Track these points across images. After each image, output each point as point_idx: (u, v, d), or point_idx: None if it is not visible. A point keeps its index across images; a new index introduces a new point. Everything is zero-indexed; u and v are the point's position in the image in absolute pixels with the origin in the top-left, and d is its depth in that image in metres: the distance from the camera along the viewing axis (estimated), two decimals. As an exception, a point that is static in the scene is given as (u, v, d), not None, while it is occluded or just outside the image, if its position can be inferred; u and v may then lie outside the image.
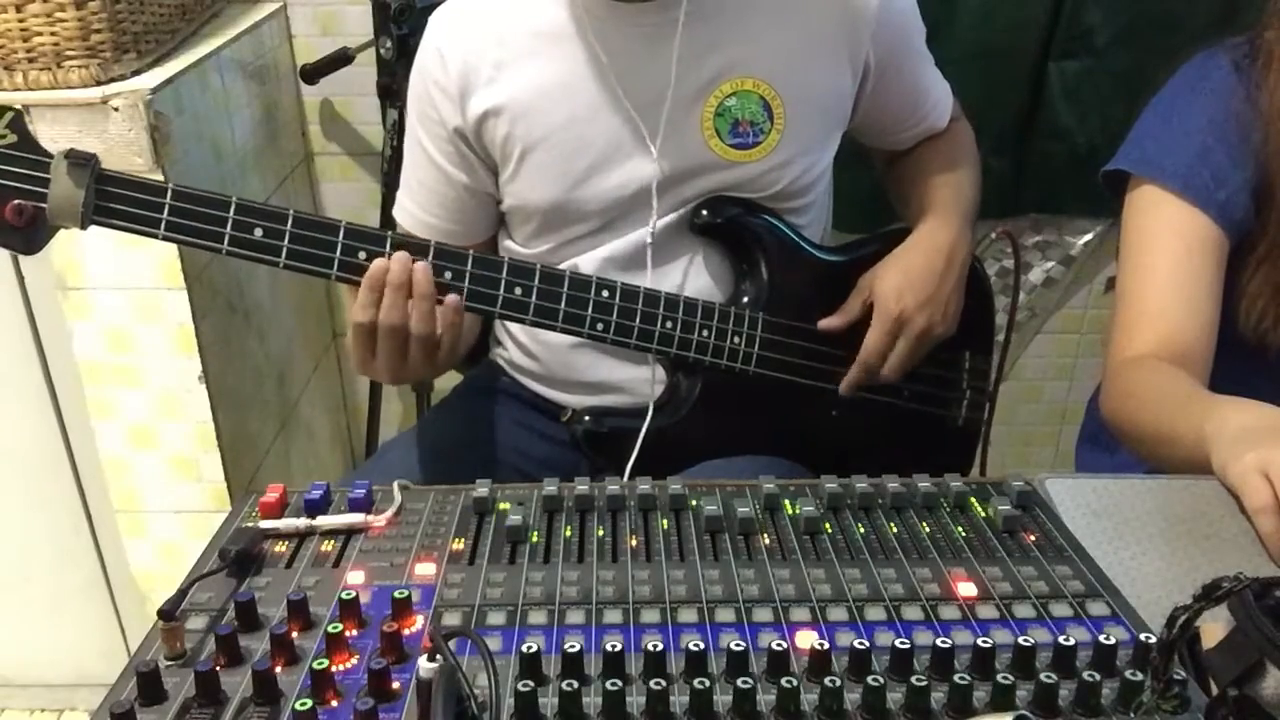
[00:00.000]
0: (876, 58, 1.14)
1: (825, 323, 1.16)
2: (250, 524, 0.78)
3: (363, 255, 0.99)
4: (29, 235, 0.95)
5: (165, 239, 0.97)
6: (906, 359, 1.16)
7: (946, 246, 1.17)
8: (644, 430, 1.12)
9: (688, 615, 0.68)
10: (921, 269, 1.15)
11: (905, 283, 1.14)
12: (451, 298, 1.00)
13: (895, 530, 0.78)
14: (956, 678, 0.60)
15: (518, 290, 1.04)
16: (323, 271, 0.99)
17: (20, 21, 1.26)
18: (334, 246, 0.99)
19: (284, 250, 0.98)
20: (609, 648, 0.61)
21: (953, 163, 1.25)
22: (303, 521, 0.78)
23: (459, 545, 0.77)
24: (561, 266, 1.14)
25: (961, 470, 1.31)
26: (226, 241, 0.97)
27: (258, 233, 0.98)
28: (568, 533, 0.78)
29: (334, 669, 0.62)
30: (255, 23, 1.66)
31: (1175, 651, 0.60)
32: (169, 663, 0.64)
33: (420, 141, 1.16)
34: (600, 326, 1.07)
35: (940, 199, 1.20)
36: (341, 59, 1.74)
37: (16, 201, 0.93)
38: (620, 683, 0.59)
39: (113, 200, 0.95)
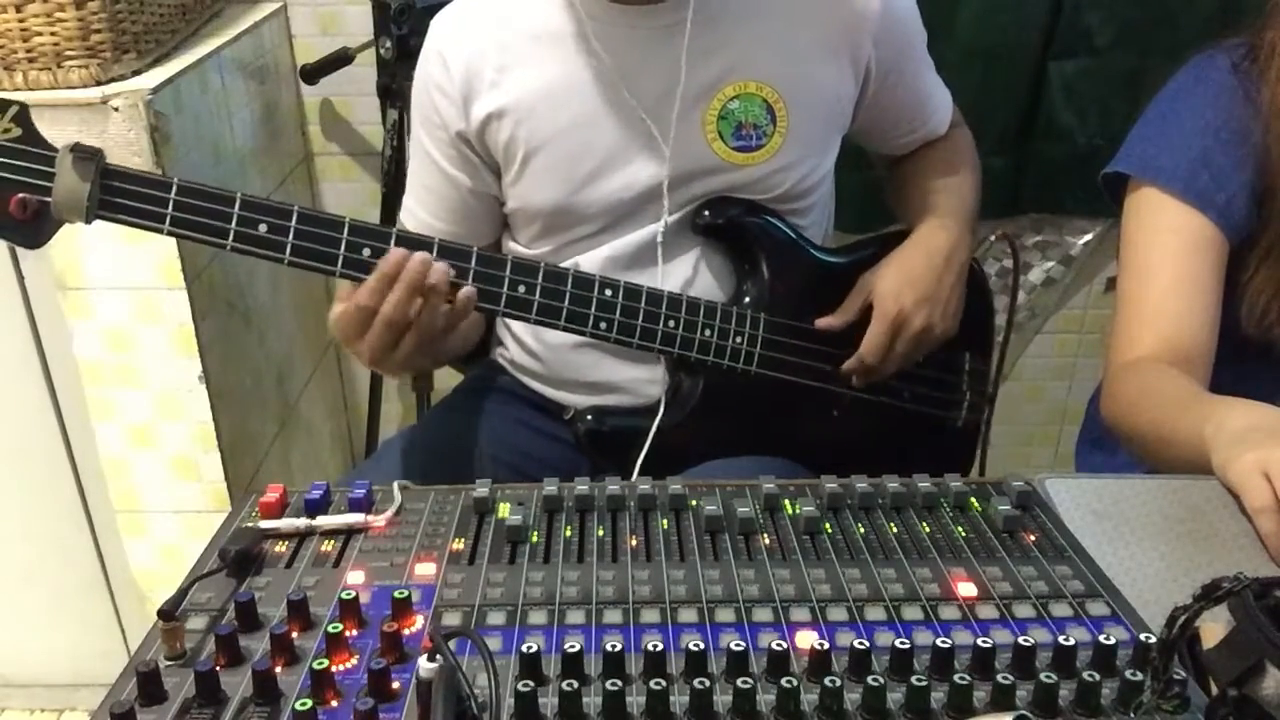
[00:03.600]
0: (878, 61, 1.14)
1: (824, 322, 1.16)
2: (250, 524, 0.78)
3: (367, 252, 0.99)
4: (33, 229, 0.95)
5: (170, 234, 0.96)
6: (904, 358, 1.16)
7: (946, 247, 1.17)
8: (653, 430, 1.12)
9: (688, 615, 0.68)
10: (921, 269, 1.15)
11: (905, 282, 1.14)
12: (466, 291, 0.99)
13: (895, 530, 0.78)
14: (956, 678, 0.60)
15: (521, 289, 1.04)
16: (326, 268, 0.99)
17: (20, 21, 1.26)
18: (338, 243, 0.99)
19: (289, 246, 0.98)
20: (609, 648, 0.61)
21: (953, 168, 1.25)
22: (303, 521, 0.78)
23: (459, 545, 0.76)
24: (563, 265, 1.14)
25: (962, 471, 1.31)
26: (231, 237, 0.97)
27: (262, 228, 0.97)
28: (568, 533, 0.78)
29: (334, 669, 0.62)
30: (255, 23, 1.66)
31: (1175, 651, 0.60)
32: (169, 663, 0.64)
33: (424, 146, 1.16)
34: (603, 325, 1.07)
35: (940, 202, 1.20)
36: (341, 59, 1.74)
37: (21, 195, 0.93)
38: (620, 683, 0.59)
39: (117, 194, 0.94)
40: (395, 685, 0.61)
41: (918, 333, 1.14)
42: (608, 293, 1.07)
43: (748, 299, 1.15)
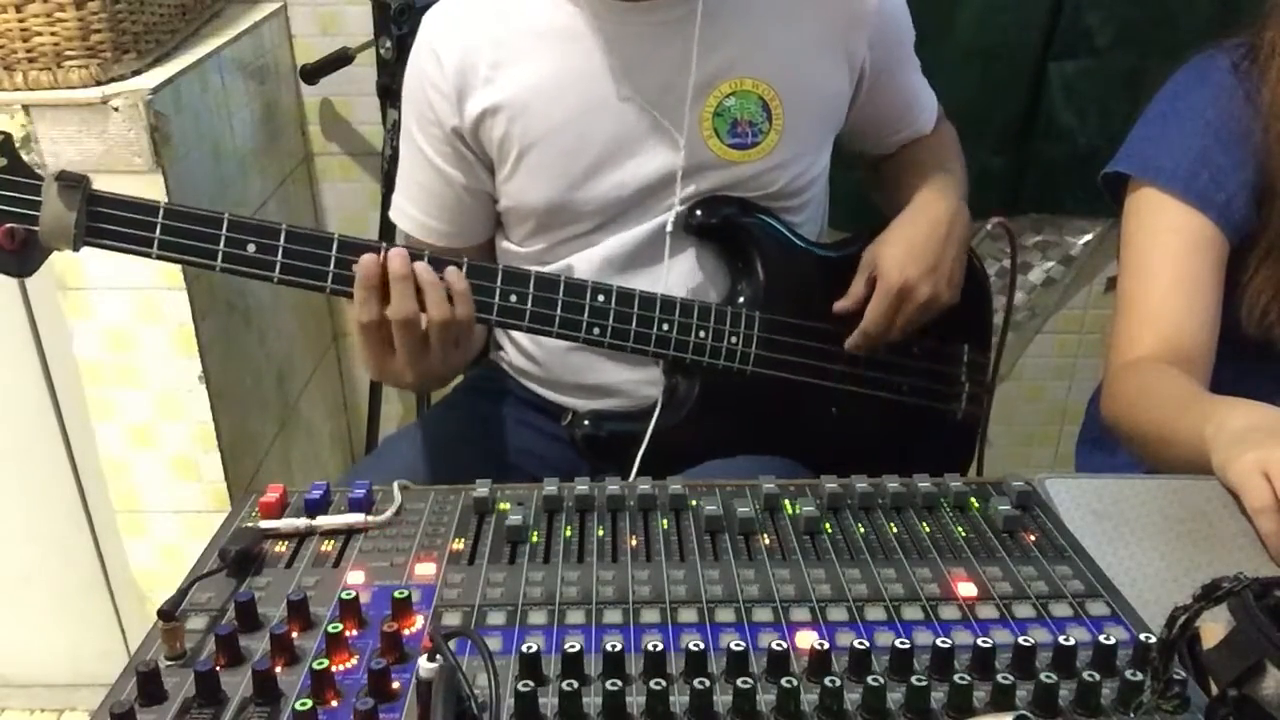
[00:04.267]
0: (872, 61, 1.14)
1: (839, 306, 1.16)
2: (250, 524, 0.78)
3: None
4: (22, 258, 0.95)
5: (159, 258, 0.97)
6: (908, 326, 1.15)
7: (946, 217, 1.16)
8: (649, 431, 1.12)
9: (688, 615, 0.68)
10: (923, 239, 1.15)
11: (906, 253, 1.13)
12: (451, 270, 0.99)
13: (895, 530, 0.78)
14: (956, 678, 0.60)
15: (513, 297, 1.04)
16: (317, 285, 0.99)
17: (20, 21, 1.26)
18: (328, 260, 0.99)
19: (278, 265, 0.98)
20: (609, 648, 0.61)
21: (941, 158, 1.26)
22: (303, 521, 0.78)
23: (459, 545, 0.77)
24: (557, 265, 1.14)
25: (961, 466, 1.31)
26: (220, 259, 0.97)
27: (251, 249, 0.98)
28: (568, 533, 0.78)
29: (334, 669, 0.62)
30: (255, 23, 1.66)
31: (1175, 651, 0.60)
32: (169, 663, 0.64)
33: (417, 143, 1.16)
34: (597, 331, 1.07)
35: (934, 178, 1.20)
36: (341, 59, 1.74)
37: (9, 226, 0.93)
38: (620, 683, 0.59)
39: (104, 221, 0.95)
40: (395, 685, 0.61)
41: (923, 303, 1.14)
42: (600, 298, 1.07)
43: (743, 298, 1.15)
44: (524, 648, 0.62)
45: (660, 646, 0.62)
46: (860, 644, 0.63)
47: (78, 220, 0.93)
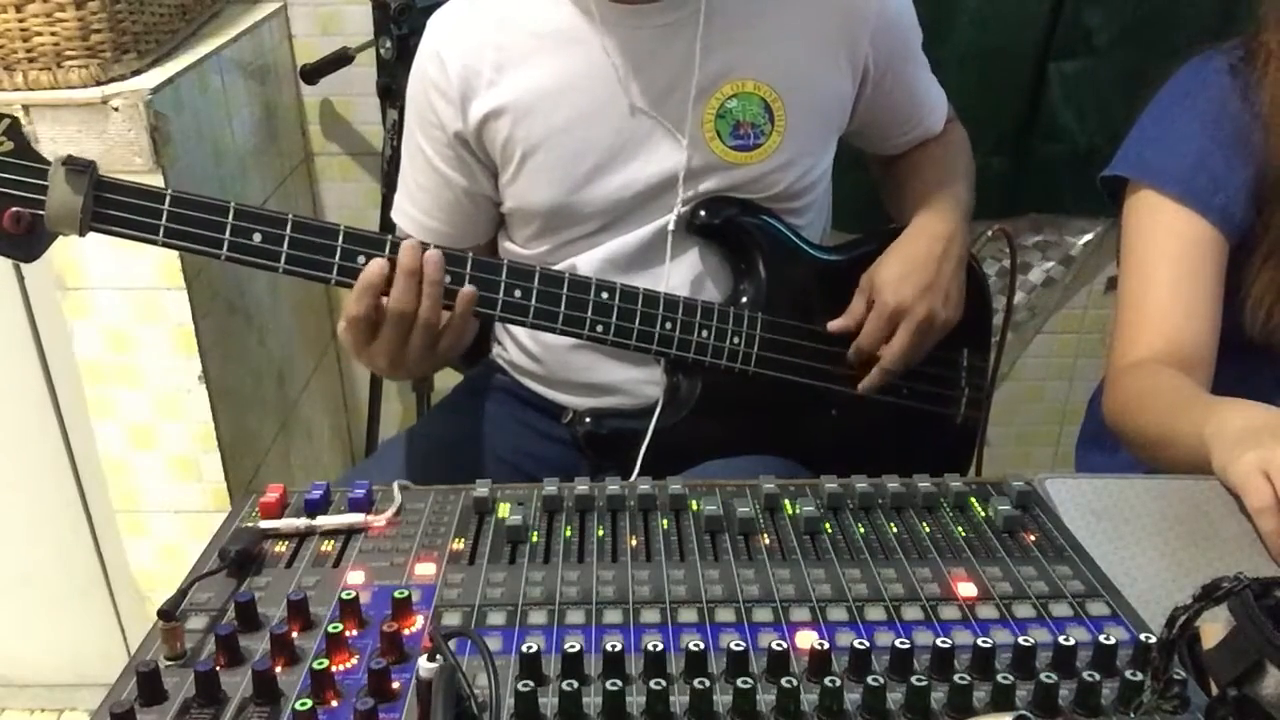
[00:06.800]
0: (875, 60, 1.14)
1: (834, 325, 1.16)
2: (250, 524, 0.78)
3: (362, 259, 0.98)
4: (28, 243, 0.95)
5: (164, 245, 0.97)
6: (909, 348, 1.15)
7: (945, 235, 1.17)
8: (650, 431, 1.12)
9: (688, 615, 0.68)
10: (921, 258, 1.15)
11: (904, 272, 1.14)
12: (466, 289, 0.99)
13: (895, 530, 0.78)
14: (956, 678, 0.60)
15: (517, 293, 1.04)
16: (322, 276, 0.99)
17: (20, 21, 1.26)
18: (333, 251, 0.99)
19: (283, 255, 0.98)
20: (609, 648, 0.61)
21: (949, 164, 1.26)
22: (303, 521, 0.78)
23: (459, 545, 0.77)
24: (560, 266, 1.14)
25: (961, 468, 1.31)
26: (225, 247, 0.97)
27: (256, 238, 0.97)
28: (568, 533, 0.78)
29: (334, 669, 0.62)
30: (255, 23, 1.66)
31: (1175, 651, 0.60)
32: (169, 663, 0.64)
33: (419, 145, 1.16)
34: (600, 328, 1.07)
35: (937, 195, 1.20)
36: (341, 59, 1.74)
37: (15, 209, 0.93)
38: (620, 683, 0.59)
39: (111, 207, 0.94)
40: (395, 685, 0.61)
41: (920, 322, 1.14)
42: (604, 295, 1.07)
43: (745, 299, 1.15)
44: (524, 648, 0.62)
45: (660, 646, 0.62)
46: (860, 644, 0.63)
47: (84, 205, 0.93)
